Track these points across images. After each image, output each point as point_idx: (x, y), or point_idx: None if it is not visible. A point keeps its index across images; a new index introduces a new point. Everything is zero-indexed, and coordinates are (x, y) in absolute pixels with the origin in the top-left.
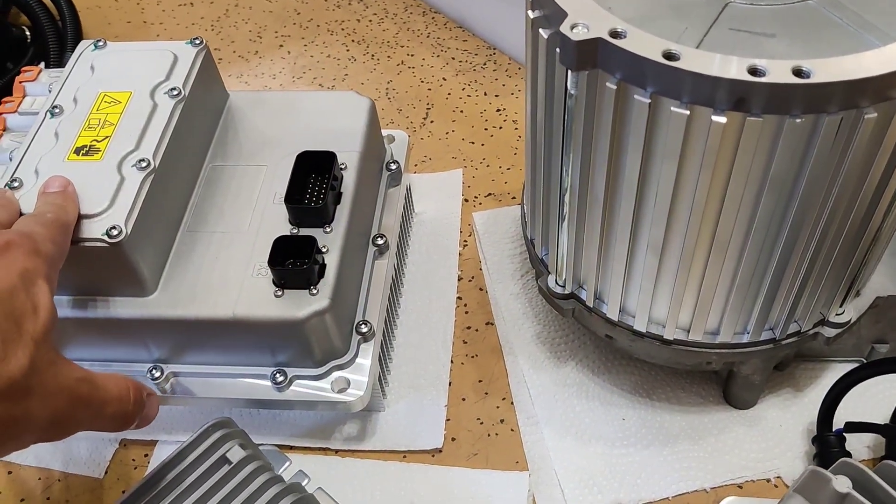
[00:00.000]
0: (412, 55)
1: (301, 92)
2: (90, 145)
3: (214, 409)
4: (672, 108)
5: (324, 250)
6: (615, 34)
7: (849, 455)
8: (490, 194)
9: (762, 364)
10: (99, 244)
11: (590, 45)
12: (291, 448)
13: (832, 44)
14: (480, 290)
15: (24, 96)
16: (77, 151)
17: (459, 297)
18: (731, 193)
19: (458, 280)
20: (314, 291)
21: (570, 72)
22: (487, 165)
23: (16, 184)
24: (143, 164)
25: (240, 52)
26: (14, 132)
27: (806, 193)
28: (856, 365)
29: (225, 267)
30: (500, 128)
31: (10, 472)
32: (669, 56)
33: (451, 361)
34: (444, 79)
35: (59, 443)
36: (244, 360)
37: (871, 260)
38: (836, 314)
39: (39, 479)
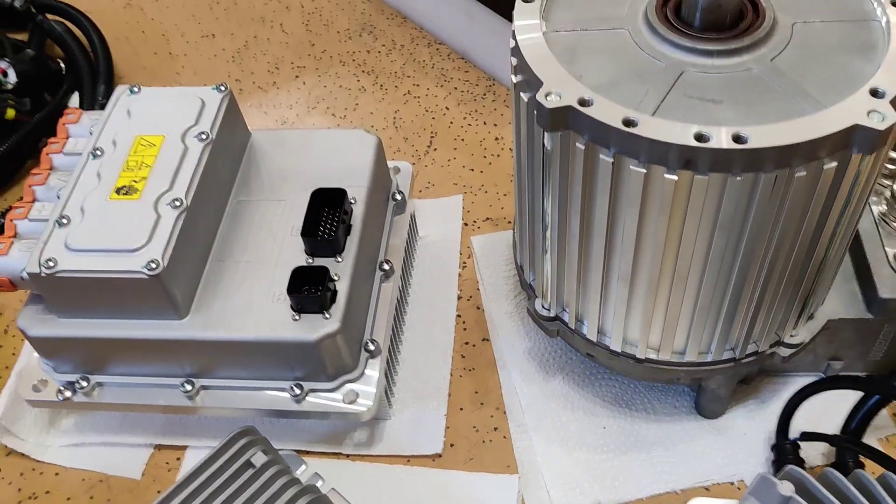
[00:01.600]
0: (417, 85)
1: (315, 130)
2: (129, 185)
3: (239, 418)
4: (631, 167)
5: (335, 278)
6: (583, 102)
7: (802, 462)
8: (488, 219)
9: (726, 380)
10: (139, 276)
11: (561, 112)
12: (308, 453)
13: (771, 110)
14: (478, 308)
15: (67, 137)
16: (118, 191)
17: (459, 315)
18: (686, 235)
19: (458, 299)
20: (327, 316)
21: (546, 132)
22: (486, 192)
23: (64, 221)
24: (177, 204)
25: (259, 83)
26: (60, 171)
27: (751, 235)
28: (814, 379)
29: (249, 293)
30: (498, 156)
31: (57, 474)
32: (628, 123)
33: (451, 374)
34: (447, 108)
35: (101, 448)
36: (266, 375)
37: (818, 288)
38: (791, 336)
39: (83, 480)
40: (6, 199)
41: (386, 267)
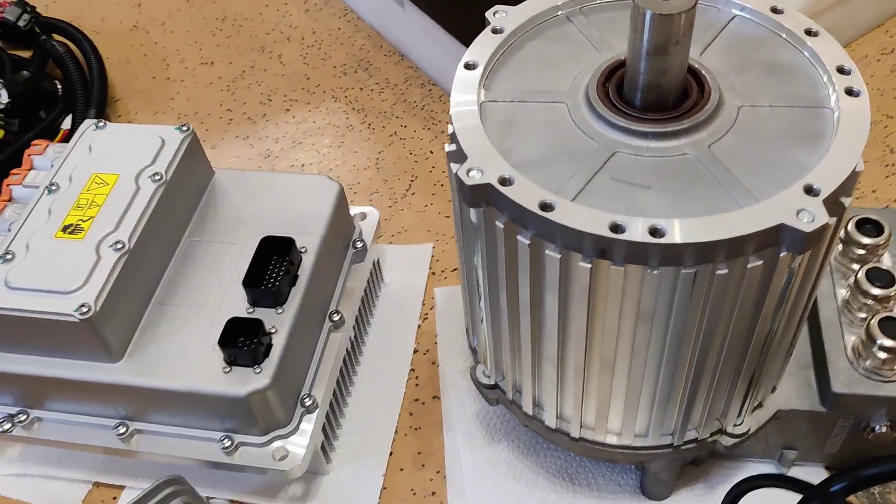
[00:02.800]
0: (405, 126)
1: (278, 173)
2: (76, 224)
3: (177, 463)
4: (547, 251)
5: (272, 331)
6: (503, 181)
7: None
8: (455, 269)
9: (667, 464)
10: (70, 319)
11: (481, 189)
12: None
13: (699, 199)
14: (433, 363)
15: (30, 169)
16: (65, 229)
17: (413, 370)
18: (607, 323)
19: (414, 352)
20: (258, 370)
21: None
22: None
23: (9, 256)
24: (119, 246)
25: (249, 114)
26: (17, 203)
27: (677, 327)
28: (767, 466)
29: (186, 341)
30: None
31: None
32: (545, 207)
33: (396, 432)
34: (431, 151)
35: (41, 480)
36: (198, 424)
37: (763, 379)
38: (735, 425)
39: None
40: None
41: (336, 318)
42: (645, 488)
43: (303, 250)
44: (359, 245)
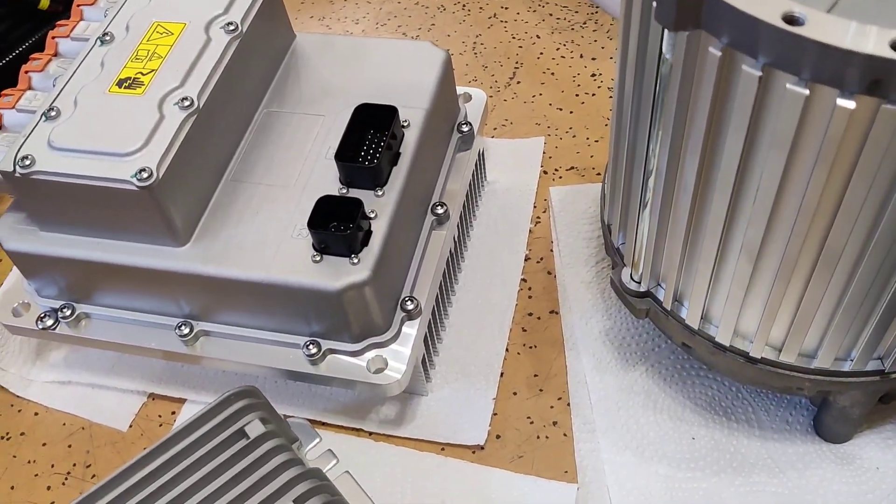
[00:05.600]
0: (506, 8)
1: (373, 39)
2: (134, 78)
3: (248, 373)
4: (788, 86)
5: (371, 215)
6: None
7: None
8: (572, 168)
9: (864, 397)
10: (126, 186)
11: (693, 0)
12: (323, 424)
13: None
14: (549, 273)
15: (80, 20)
16: (120, 84)
17: (524, 279)
18: (850, 196)
19: (525, 260)
20: (355, 261)
21: (666, 31)
22: (574, 136)
23: (53, 113)
24: (186, 104)
25: None
26: (64, 58)
27: None
28: None
29: (265, 224)
30: (594, 95)
31: (36, 414)
32: (791, 20)
33: (507, 350)
34: (537, 36)
35: (89, 389)
36: (277, 326)
37: None
38: None
39: (64, 424)
40: None
41: (440, 210)
42: (823, 427)
43: (405, 124)
44: (465, 129)
